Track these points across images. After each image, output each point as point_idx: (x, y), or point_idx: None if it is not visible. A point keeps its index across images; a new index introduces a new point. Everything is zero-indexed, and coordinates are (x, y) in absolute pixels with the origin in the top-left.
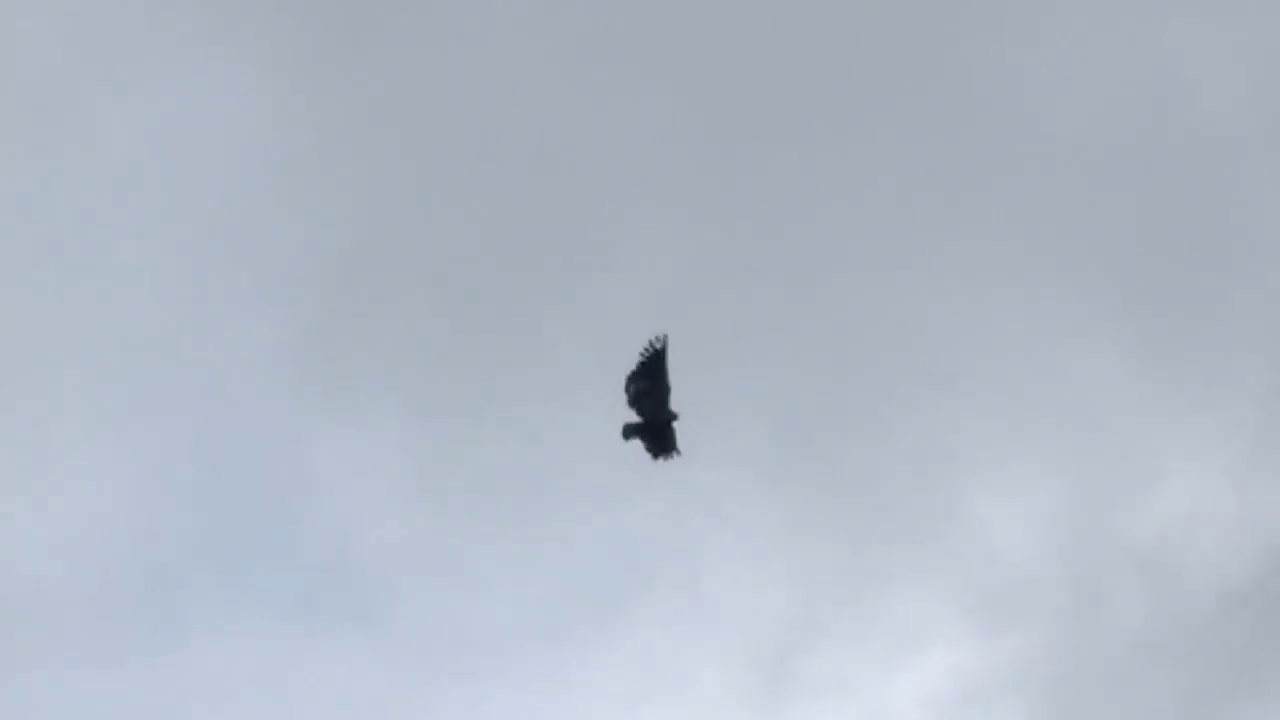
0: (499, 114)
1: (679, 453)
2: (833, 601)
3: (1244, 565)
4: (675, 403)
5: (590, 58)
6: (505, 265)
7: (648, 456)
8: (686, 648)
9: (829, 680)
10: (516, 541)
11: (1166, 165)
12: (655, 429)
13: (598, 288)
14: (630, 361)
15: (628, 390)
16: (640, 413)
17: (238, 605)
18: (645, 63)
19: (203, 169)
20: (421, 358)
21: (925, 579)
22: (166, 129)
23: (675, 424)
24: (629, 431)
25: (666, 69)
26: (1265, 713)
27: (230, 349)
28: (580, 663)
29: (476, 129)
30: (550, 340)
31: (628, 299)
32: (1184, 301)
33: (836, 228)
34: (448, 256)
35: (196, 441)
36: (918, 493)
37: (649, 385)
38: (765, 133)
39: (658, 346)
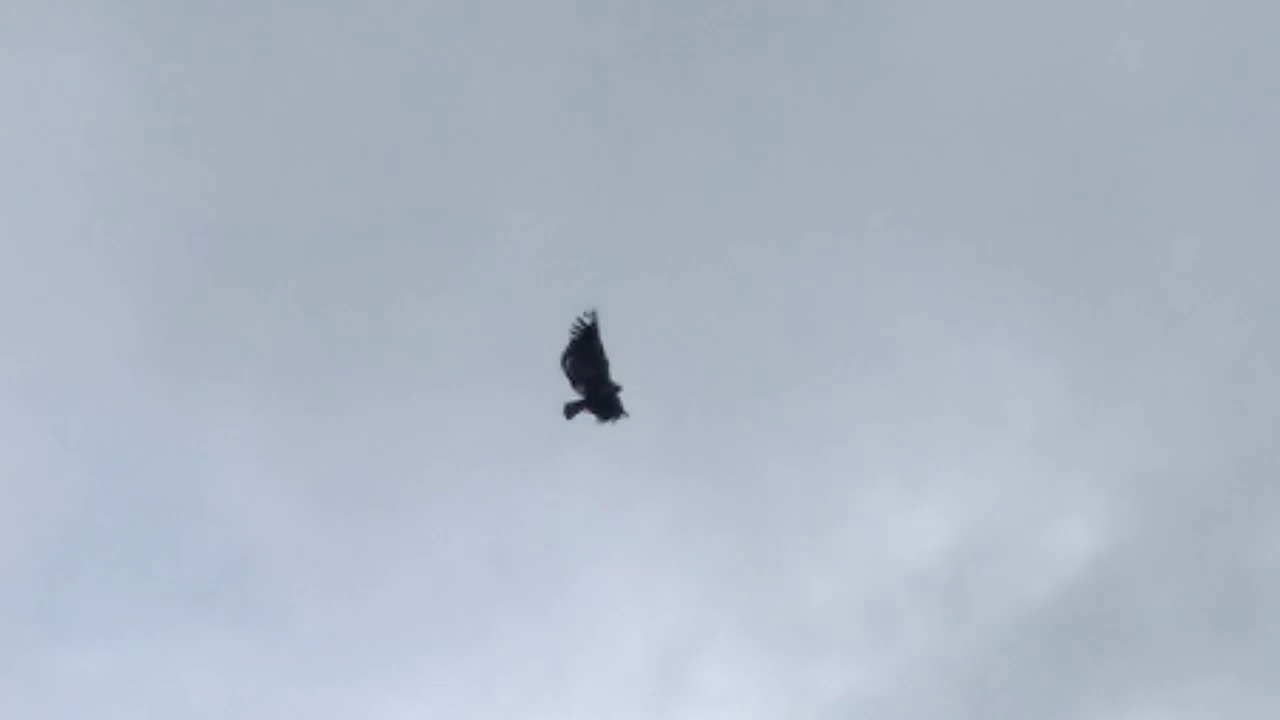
0: (361, 90)
1: (626, 414)
2: (720, 598)
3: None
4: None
5: (462, 25)
6: (371, 248)
7: (592, 421)
8: (568, 644)
9: (717, 679)
10: (392, 534)
11: (1072, 143)
12: (599, 400)
13: (467, 271)
14: (503, 349)
15: (565, 369)
16: (582, 390)
17: (108, 602)
18: (518, 30)
19: (55, 150)
20: (286, 345)
21: (816, 576)
22: (17, 107)
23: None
24: (571, 410)
25: (540, 35)
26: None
27: (86, 339)
28: (455, 660)
29: (339, 106)
30: (422, 326)
31: (499, 283)
32: (1091, 286)
33: (726, 210)
34: (311, 239)
35: (52, 436)
36: (810, 487)
37: (586, 363)
38: (649, 106)
39: (587, 322)
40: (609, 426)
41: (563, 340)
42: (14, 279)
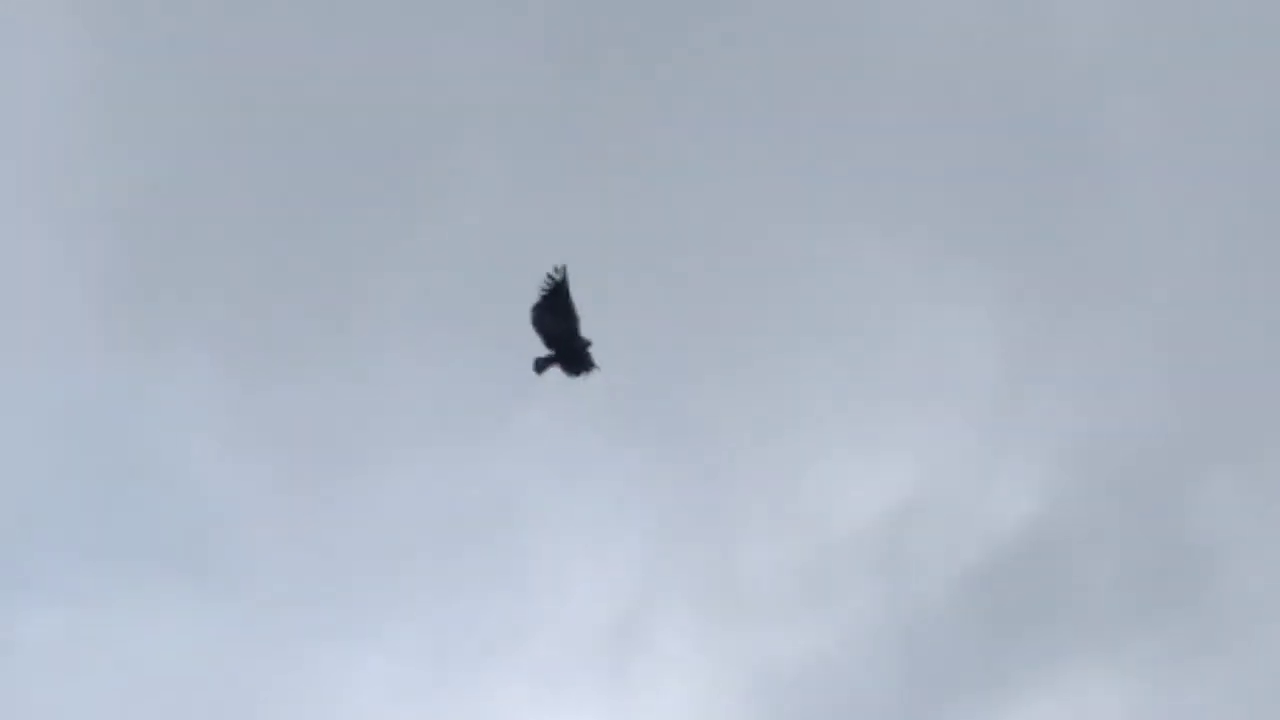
0: (322, 48)
1: (597, 368)
2: (673, 560)
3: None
4: None
5: None
6: (328, 211)
7: (564, 377)
8: (523, 605)
9: (667, 642)
10: (349, 495)
11: (1015, 113)
12: (570, 355)
13: (424, 234)
14: (458, 311)
15: (536, 325)
16: (552, 345)
17: (66, 565)
18: None
19: (9, 110)
20: (243, 308)
21: (756, 540)
22: None
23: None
24: (541, 364)
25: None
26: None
27: (43, 303)
28: (412, 622)
29: (297, 64)
30: (378, 288)
31: (455, 246)
32: (1034, 253)
33: (681, 168)
34: (268, 204)
35: (9, 399)
36: (759, 451)
37: (556, 318)
38: (606, 73)
39: (557, 278)
40: (579, 381)
41: (523, 300)
42: None
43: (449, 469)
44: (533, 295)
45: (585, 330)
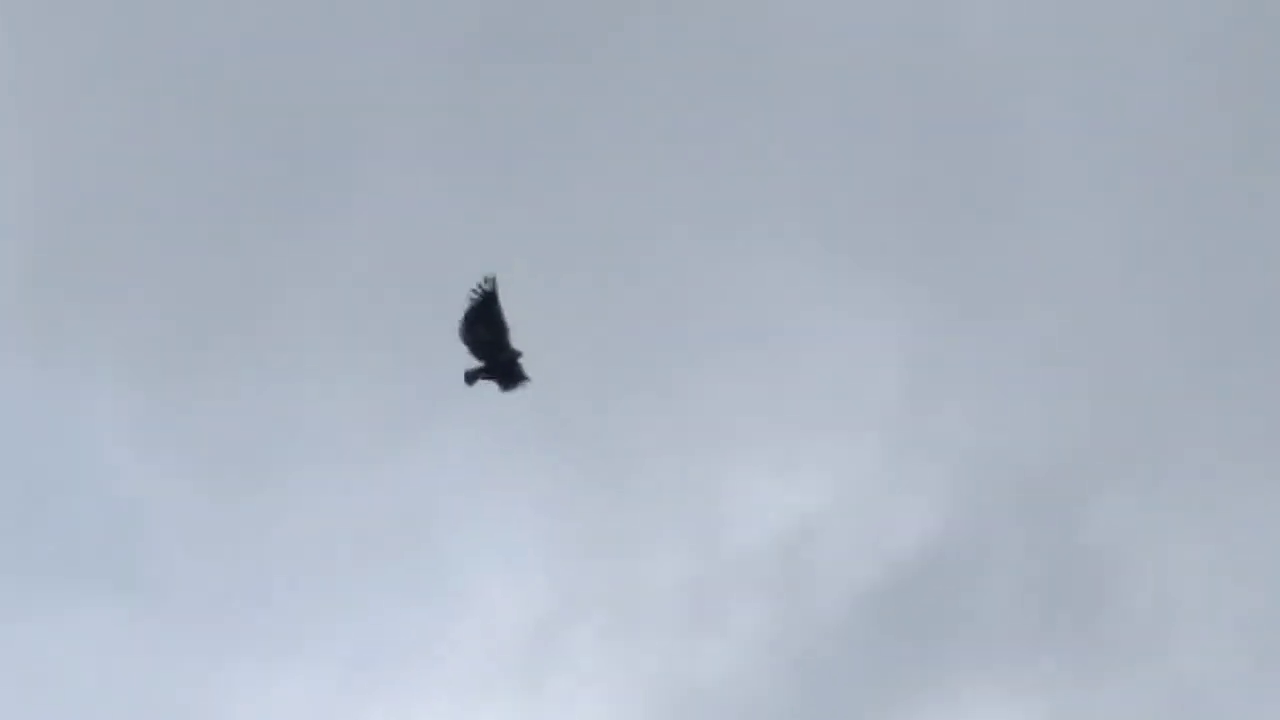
0: (231, 55)
1: (529, 380)
2: (584, 576)
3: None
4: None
5: None
6: (240, 219)
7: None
8: (430, 622)
9: (578, 657)
10: (265, 506)
11: (923, 128)
12: (500, 368)
13: (340, 243)
14: (374, 321)
15: (464, 337)
16: (481, 357)
17: None
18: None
19: None
20: (157, 317)
21: (674, 555)
22: None
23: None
24: (471, 377)
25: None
26: None
27: None
28: (328, 632)
29: (207, 71)
30: (294, 298)
31: (370, 255)
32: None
33: (593, 177)
34: (180, 211)
35: None
36: (674, 464)
37: (484, 329)
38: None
39: (487, 288)
40: (511, 394)
41: (438, 310)
42: None
43: (362, 481)
44: (450, 305)
45: (512, 341)
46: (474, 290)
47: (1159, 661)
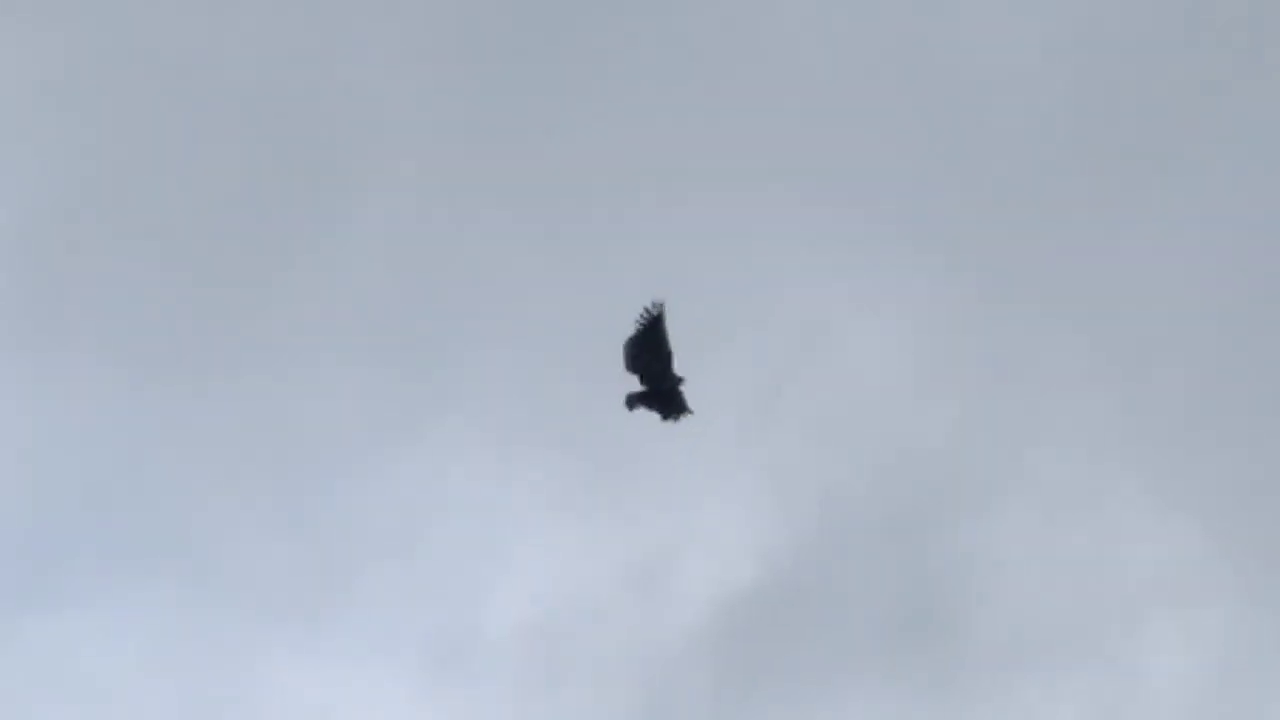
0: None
1: (691, 412)
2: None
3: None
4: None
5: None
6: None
7: (656, 419)
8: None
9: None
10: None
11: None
12: (662, 395)
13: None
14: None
15: (629, 361)
16: (645, 381)
17: None
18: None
19: None
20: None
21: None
22: None
23: (681, 387)
24: (633, 401)
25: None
26: None
27: None
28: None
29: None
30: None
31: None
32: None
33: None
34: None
35: None
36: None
37: (651, 356)
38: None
39: (654, 313)
40: (671, 424)
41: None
42: None
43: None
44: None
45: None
46: (641, 315)
47: (1006, 690)
